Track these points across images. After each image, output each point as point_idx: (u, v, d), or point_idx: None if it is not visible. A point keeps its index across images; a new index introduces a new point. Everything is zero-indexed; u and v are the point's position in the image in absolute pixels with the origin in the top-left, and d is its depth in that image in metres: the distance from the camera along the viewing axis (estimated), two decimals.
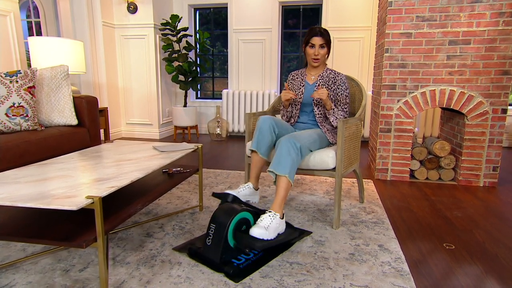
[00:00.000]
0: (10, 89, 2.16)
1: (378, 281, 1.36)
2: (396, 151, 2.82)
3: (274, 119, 1.91)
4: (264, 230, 1.46)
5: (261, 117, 1.90)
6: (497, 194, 2.52)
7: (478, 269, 1.48)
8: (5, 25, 3.05)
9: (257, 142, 1.87)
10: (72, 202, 1.04)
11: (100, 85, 4.35)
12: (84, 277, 1.35)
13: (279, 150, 1.70)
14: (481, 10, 2.55)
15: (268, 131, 1.87)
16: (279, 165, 1.66)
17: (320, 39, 2.00)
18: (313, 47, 2.02)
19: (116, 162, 1.61)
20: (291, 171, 1.66)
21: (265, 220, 1.52)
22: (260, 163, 1.90)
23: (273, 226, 1.51)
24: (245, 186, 1.86)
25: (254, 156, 1.89)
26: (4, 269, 1.41)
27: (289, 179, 1.65)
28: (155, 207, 2.11)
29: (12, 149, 1.93)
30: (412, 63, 2.70)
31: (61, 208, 1.01)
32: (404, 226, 1.92)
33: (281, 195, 1.64)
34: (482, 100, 2.62)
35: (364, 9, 4.43)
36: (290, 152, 1.68)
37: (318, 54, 2.02)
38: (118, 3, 4.51)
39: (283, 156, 1.67)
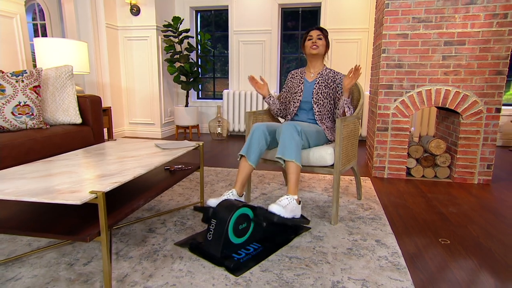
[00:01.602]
0: (16, 88, 2.16)
1: (375, 274, 1.36)
2: (393, 149, 2.82)
3: (267, 126, 1.86)
4: (282, 208, 1.54)
5: (255, 125, 1.86)
6: (491, 191, 2.52)
7: (473, 263, 1.48)
8: (11, 27, 3.05)
9: (248, 148, 1.82)
10: (76, 197, 1.04)
11: (103, 85, 4.34)
12: (88, 271, 1.35)
13: (282, 136, 1.71)
14: (476, 12, 2.54)
15: (260, 138, 1.82)
16: (285, 151, 1.68)
17: (317, 31, 2.03)
18: (311, 39, 2.04)
19: (119, 159, 1.61)
20: (297, 154, 1.68)
21: (283, 201, 1.60)
22: (247, 170, 1.81)
23: (290, 207, 1.58)
24: (228, 193, 1.76)
25: (243, 161, 1.82)
26: (10, 263, 1.41)
27: (297, 163, 1.67)
28: (157, 204, 2.11)
29: (18, 146, 1.93)
30: (409, 63, 2.70)
31: (66, 202, 1.01)
32: (400, 222, 1.92)
33: (294, 180, 1.68)
34: (477, 100, 2.61)
35: (362, 11, 4.42)
36: (293, 135, 1.69)
37: (316, 42, 2.02)
38: (122, 5, 4.50)
39: (287, 140, 1.69)
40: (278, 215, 1.51)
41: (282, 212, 1.53)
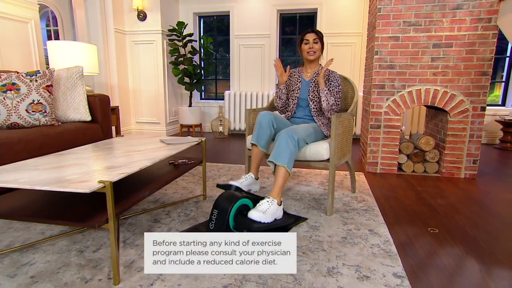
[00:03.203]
0: (30, 87, 2.16)
1: (368, 261, 1.36)
2: (385, 146, 2.81)
3: (273, 114, 1.90)
4: (262, 214, 1.47)
5: (261, 113, 1.89)
6: (477, 184, 2.52)
7: (459, 250, 1.48)
8: (26, 31, 3.05)
9: (257, 135, 1.86)
10: (85, 186, 1.04)
11: (112, 86, 4.34)
12: (97, 257, 1.35)
13: (279, 142, 1.69)
14: (462, 16, 2.54)
15: (267, 125, 1.86)
16: (279, 156, 1.66)
17: (313, 34, 2.02)
18: (307, 43, 2.03)
19: (126, 152, 1.61)
20: (289, 161, 1.66)
21: (263, 205, 1.53)
22: (260, 155, 1.89)
23: (270, 211, 1.52)
24: (246, 176, 1.86)
25: (254, 148, 1.89)
26: (25, 249, 1.41)
27: (287, 169, 1.65)
28: (162, 196, 2.11)
29: (32, 141, 1.93)
30: (400, 65, 2.69)
31: (76, 191, 1.01)
32: (392, 213, 1.92)
33: (280, 184, 1.63)
34: (463, 99, 2.61)
35: (356, 17, 4.42)
36: (288, 144, 1.67)
37: (312, 47, 2.02)
38: (129, 11, 4.50)
39: (282, 147, 1.67)
40: (259, 221, 1.45)
41: (263, 218, 1.46)
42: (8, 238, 1.51)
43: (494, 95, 4.60)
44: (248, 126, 2.16)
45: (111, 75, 4.32)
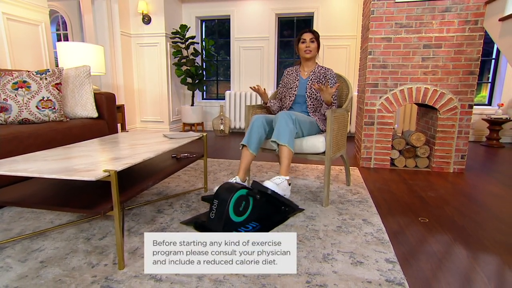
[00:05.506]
0: (40, 85, 2.15)
1: (362, 248, 1.35)
2: (379, 142, 2.81)
3: (265, 117, 1.85)
4: (275, 185, 1.55)
5: (254, 116, 1.85)
6: (465, 178, 2.52)
7: (448, 238, 1.48)
8: (37, 33, 3.04)
9: (248, 138, 1.79)
10: (91, 174, 1.03)
11: (118, 86, 4.33)
12: (103, 244, 1.34)
13: (278, 122, 1.70)
14: (450, 18, 2.54)
15: (259, 128, 1.80)
16: (280, 135, 1.67)
17: (310, 34, 2.00)
18: (304, 42, 2.02)
19: (131, 145, 1.60)
20: (289, 140, 1.67)
21: (277, 180, 1.60)
22: (249, 158, 1.79)
23: (282, 186, 1.59)
24: (232, 180, 1.74)
25: (245, 150, 1.80)
26: (35, 237, 1.40)
27: (289, 148, 1.66)
28: (165, 189, 2.10)
29: (42, 136, 1.92)
30: (392, 64, 2.69)
31: (82, 178, 1.01)
32: (385, 204, 1.91)
33: (286, 163, 1.67)
34: (452, 97, 2.61)
35: (350, 21, 4.41)
36: (287, 123, 1.68)
37: (309, 46, 2.01)
38: (134, 15, 4.49)
39: (282, 127, 1.68)
40: (272, 189, 1.52)
41: (276, 188, 1.53)
42: (20, 226, 1.51)
43: (481, 96, 4.60)
44: (247, 122, 2.15)
45: (117, 76, 4.31)
